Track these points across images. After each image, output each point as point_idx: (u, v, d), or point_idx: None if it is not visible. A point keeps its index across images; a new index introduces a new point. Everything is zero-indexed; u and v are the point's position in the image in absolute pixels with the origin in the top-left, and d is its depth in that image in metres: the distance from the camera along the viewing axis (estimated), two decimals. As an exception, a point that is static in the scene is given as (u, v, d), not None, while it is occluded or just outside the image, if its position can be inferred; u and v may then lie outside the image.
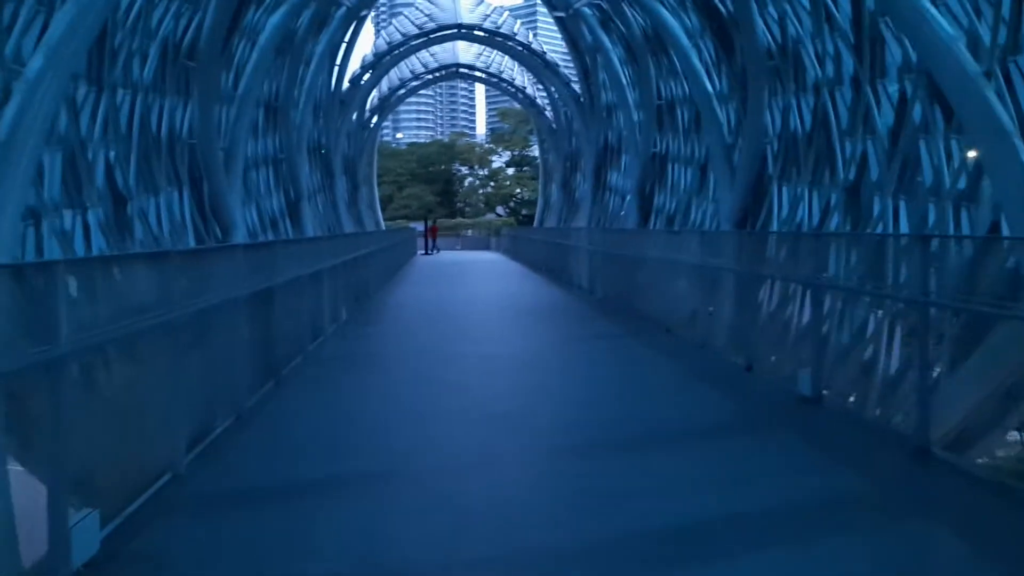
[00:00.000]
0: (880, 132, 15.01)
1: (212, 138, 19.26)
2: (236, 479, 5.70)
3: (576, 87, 42.32)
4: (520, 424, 7.24)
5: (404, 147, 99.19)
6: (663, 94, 29.55)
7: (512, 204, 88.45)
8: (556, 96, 46.47)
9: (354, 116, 45.80)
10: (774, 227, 18.90)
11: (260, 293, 9.31)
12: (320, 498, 5.29)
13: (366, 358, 11.91)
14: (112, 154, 15.10)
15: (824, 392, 8.71)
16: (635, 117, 32.37)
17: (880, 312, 11.89)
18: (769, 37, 18.92)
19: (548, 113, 49.91)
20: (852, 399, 9.64)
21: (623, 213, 33.32)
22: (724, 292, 13.29)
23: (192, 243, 18.43)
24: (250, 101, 22.60)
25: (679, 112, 27.95)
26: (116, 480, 5.34)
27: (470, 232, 76.92)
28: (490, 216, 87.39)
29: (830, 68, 16.79)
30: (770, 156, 20.26)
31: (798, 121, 18.49)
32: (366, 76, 44.39)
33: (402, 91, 52.16)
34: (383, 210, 62.76)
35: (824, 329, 9.64)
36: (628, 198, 32.61)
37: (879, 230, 14.66)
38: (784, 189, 19.25)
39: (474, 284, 26.98)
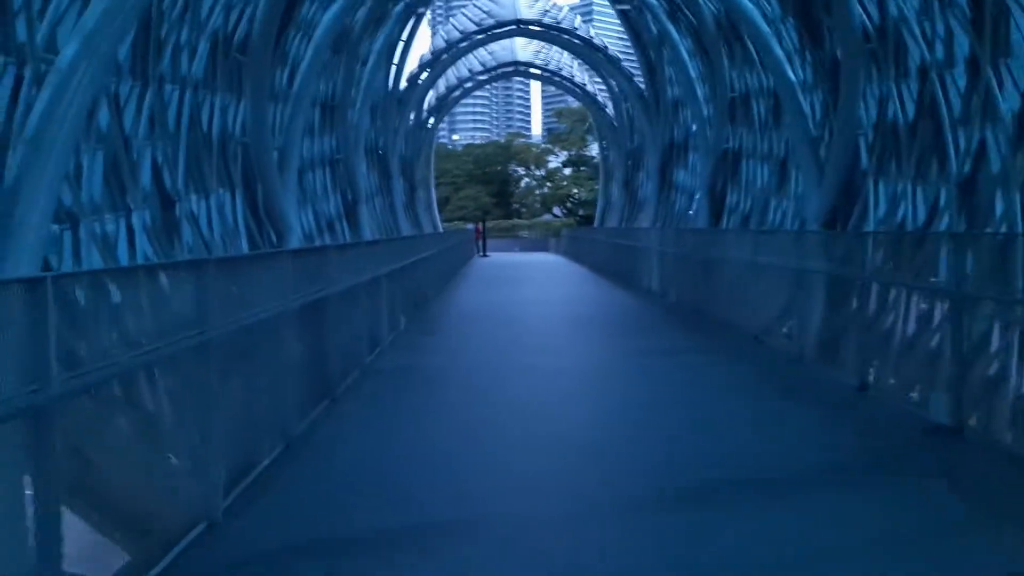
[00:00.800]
0: (1003, 118, 13.21)
1: (265, 138, 18.26)
2: (279, 530, 4.79)
3: (639, 83, 40.68)
4: (602, 461, 6.11)
5: (460, 149, 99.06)
6: (736, 87, 27.80)
7: (569, 205, 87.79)
8: (618, 91, 44.90)
9: (411, 117, 44.89)
10: (870, 227, 17.16)
11: (312, 304, 8.16)
12: (375, 559, 4.35)
13: (426, 372, 10.79)
14: (159, 153, 14.14)
15: (969, 421, 7.20)
16: (704, 112, 30.64)
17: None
18: (865, 18, 17.15)
19: (608, 110, 48.31)
20: (1007, 431, 8.02)
21: (691, 212, 31.61)
22: (826, 299, 11.73)
23: (245, 248, 17.47)
24: (305, 99, 21.61)
25: (754, 105, 26.16)
26: (137, 534, 4.42)
27: (525, 233, 75.81)
28: (546, 217, 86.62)
29: (940, 49, 14.99)
30: (864, 149, 18.47)
31: (899, 110, 16.68)
32: (423, 75, 43.41)
33: (459, 91, 51.11)
34: (439, 212, 61.89)
35: (965, 346, 8.05)
36: (697, 197, 30.90)
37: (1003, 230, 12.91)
38: (881, 185, 17.45)
39: (536, 288, 25.61)
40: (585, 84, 49.83)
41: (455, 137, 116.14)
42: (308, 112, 23.74)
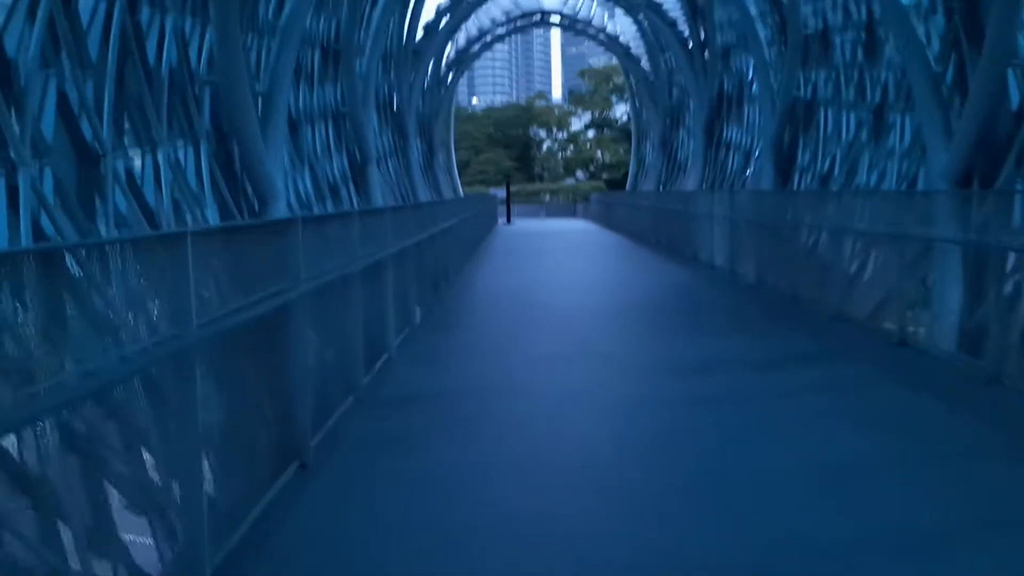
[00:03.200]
0: None
1: (240, 79, 13.89)
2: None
3: (682, 31, 35.79)
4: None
5: (480, 111, 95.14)
6: (810, 24, 23.06)
7: (592, 168, 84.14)
8: (655, 41, 39.96)
9: (429, 70, 40.25)
10: (1031, 187, 12.76)
11: (262, 321, 3.98)
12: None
13: (445, 402, 6.68)
14: (70, 89, 9.84)
15: None
16: (766, 56, 25.91)
17: None
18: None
19: (644, 63, 43.38)
20: None
21: (749, 174, 27.06)
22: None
23: (213, 218, 13.26)
24: (295, 34, 17.15)
25: (836, 42, 21.48)
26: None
27: (547, 197, 71.53)
28: (569, 181, 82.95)
29: None
30: (1015, 87, 13.92)
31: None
32: (442, 22, 38.64)
33: (479, 44, 46.21)
34: (459, 176, 57.48)
35: None
36: (758, 155, 26.32)
37: None
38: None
39: (573, 263, 21.23)
40: (618, 35, 44.81)
41: (475, 101, 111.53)
42: (303, 53, 19.38)
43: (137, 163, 11.50)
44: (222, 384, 3.54)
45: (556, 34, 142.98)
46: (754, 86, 28.92)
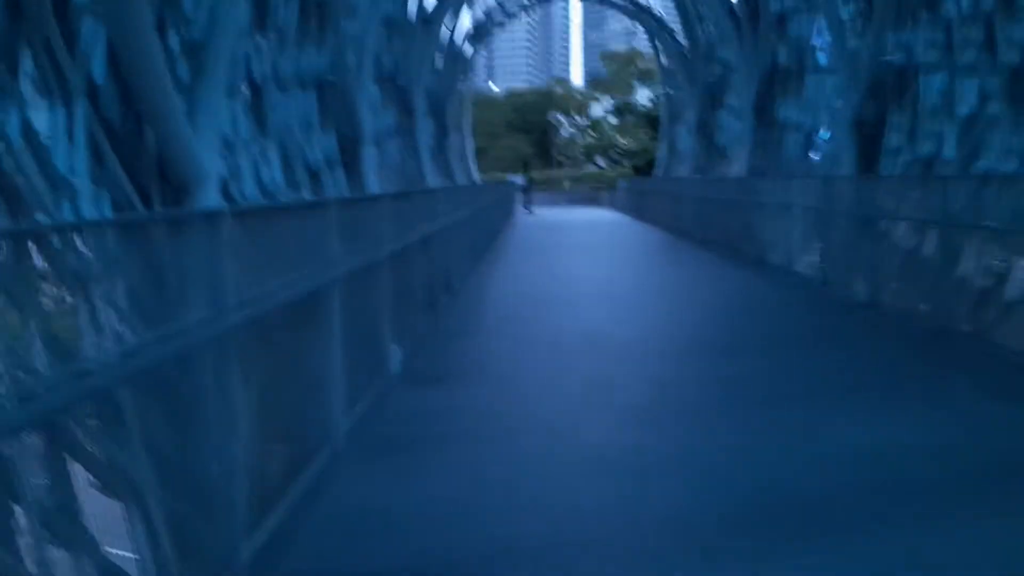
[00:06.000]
0: None
1: (139, 8, 9.20)
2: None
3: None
4: None
5: (498, 97, 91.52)
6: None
7: (613, 155, 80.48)
8: (693, 9, 34.87)
9: (444, 44, 35.41)
10: None
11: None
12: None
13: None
14: None
15: None
16: (841, 15, 20.91)
17: None
18: None
19: (679, 37, 38.27)
20: None
21: (818, 157, 22.12)
22: None
23: (90, 211, 8.70)
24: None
25: (946, -9, 16.51)
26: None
27: (567, 184, 67.14)
28: (589, 168, 79.40)
29: None
30: None
31: None
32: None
33: (501, 16, 41.22)
34: (476, 163, 52.76)
35: None
36: (829, 135, 21.37)
37: None
38: None
39: (612, 267, 16.49)
40: (649, 5, 39.70)
41: (493, 87, 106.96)
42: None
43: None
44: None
45: (576, 19, 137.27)
46: (817, 54, 23.95)
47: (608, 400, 6.27)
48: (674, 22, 38.85)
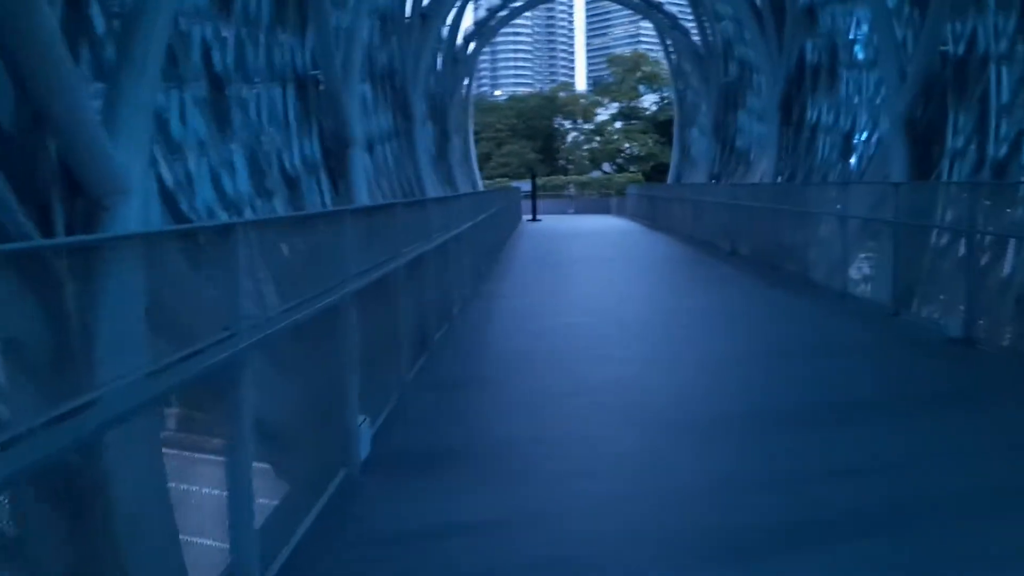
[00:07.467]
0: None
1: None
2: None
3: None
4: None
5: (503, 101, 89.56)
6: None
7: (619, 160, 78.44)
8: (709, 5, 32.46)
9: (443, 41, 33.04)
10: None
11: None
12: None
13: None
14: None
15: None
16: (889, 2, 18.46)
17: None
18: None
19: (694, 35, 35.84)
20: None
21: (861, 161, 19.66)
22: None
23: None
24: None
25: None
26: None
27: (571, 189, 64.67)
28: (594, 174, 77.37)
29: None
30: None
31: None
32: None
33: (504, 13, 38.85)
34: (479, 169, 50.37)
35: None
36: (876, 136, 18.91)
37: None
38: None
39: (634, 286, 14.01)
40: (661, 2, 37.30)
41: (497, 93, 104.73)
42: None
43: None
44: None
45: (580, 25, 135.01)
46: (855, 49, 21.53)
47: (681, 525, 3.83)
48: (686, 19, 36.50)
